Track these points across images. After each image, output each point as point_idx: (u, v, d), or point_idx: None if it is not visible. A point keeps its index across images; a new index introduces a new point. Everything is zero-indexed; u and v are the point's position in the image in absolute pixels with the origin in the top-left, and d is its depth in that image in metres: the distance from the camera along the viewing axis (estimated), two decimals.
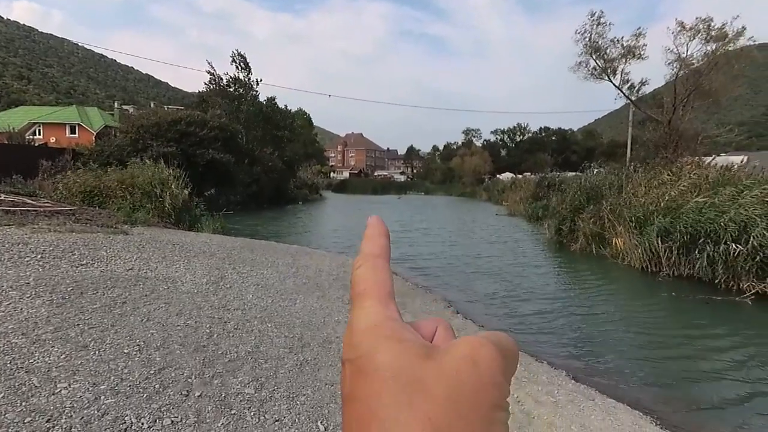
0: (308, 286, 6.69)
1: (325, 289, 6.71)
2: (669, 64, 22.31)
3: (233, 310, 4.93)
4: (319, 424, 2.88)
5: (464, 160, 69.44)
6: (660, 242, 10.40)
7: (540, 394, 3.84)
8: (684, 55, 21.81)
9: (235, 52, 35.08)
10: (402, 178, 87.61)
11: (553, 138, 77.52)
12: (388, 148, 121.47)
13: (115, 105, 41.23)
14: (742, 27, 20.62)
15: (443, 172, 75.12)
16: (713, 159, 19.69)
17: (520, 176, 43.66)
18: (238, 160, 26.26)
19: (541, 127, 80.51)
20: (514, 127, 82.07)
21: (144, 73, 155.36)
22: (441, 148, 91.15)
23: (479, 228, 20.80)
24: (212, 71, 34.15)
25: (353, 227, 20.23)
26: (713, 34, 20.91)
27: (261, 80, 35.86)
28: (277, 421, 2.86)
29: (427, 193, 66.73)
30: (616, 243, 12.41)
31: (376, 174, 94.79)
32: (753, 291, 8.22)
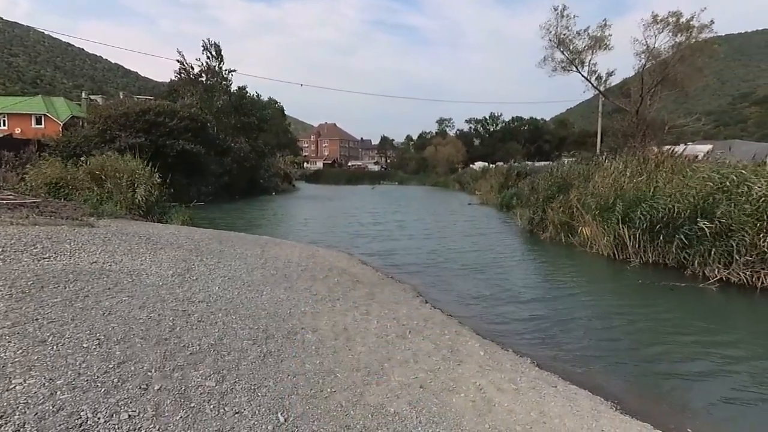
0: (276, 278, 6.71)
1: (293, 280, 6.75)
2: (637, 55, 22.83)
3: (198, 303, 4.92)
4: (279, 415, 2.95)
5: (438, 150, 69.92)
6: (626, 229, 10.63)
7: (503, 381, 3.99)
8: (652, 47, 22.33)
9: (207, 41, 34.09)
10: (376, 168, 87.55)
11: (526, 127, 78.67)
12: (362, 138, 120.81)
13: (83, 95, 39.85)
14: (711, 20, 21.27)
15: (417, 161, 75.44)
16: (674, 148, 20.54)
17: (493, 165, 44.31)
18: (209, 150, 25.75)
19: (513, 117, 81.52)
20: (488, 116, 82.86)
21: (113, 62, 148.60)
22: (415, 137, 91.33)
23: (451, 218, 21.05)
24: (182, 60, 33.11)
25: (324, 218, 20.22)
26: (682, 26, 21.51)
27: (234, 70, 35.10)
28: (237, 413, 2.91)
29: (401, 183, 66.90)
30: (583, 231, 12.78)
31: (350, 164, 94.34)
32: (717, 278, 8.35)
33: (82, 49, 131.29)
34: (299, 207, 27.17)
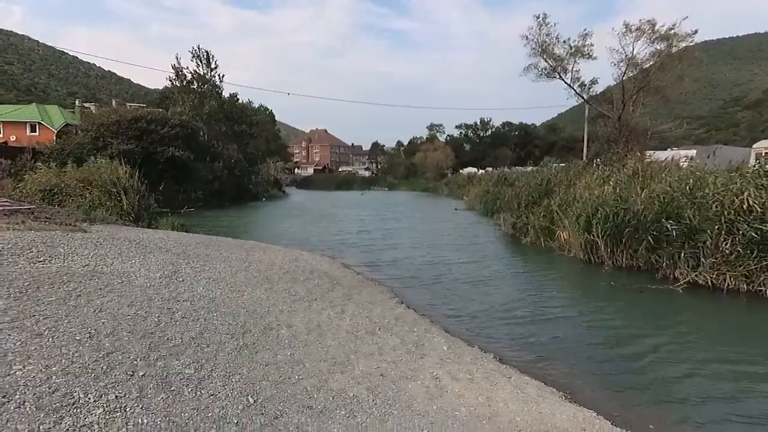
0: (258, 279, 7.10)
1: (274, 282, 7.13)
2: (615, 64, 23.43)
3: (182, 302, 5.30)
4: (249, 397, 3.36)
5: (427, 156, 70.53)
6: (599, 234, 10.98)
7: (459, 372, 4.40)
8: (630, 55, 22.90)
9: (196, 48, 34.50)
10: (367, 173, 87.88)
11: (516, 133, 79.25)
12: (352, 144, 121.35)
13: (77, 103, 40.10)
14: (693, 30, 21.84)
15: (407, 167, 75.86)
16: (654, 154, 21.14)
17: (482, 171, 44.91)
18: (199, 157, 26.09)
19: (503, 122, 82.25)
20: (479, 121, 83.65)
21: (106, 69, 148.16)
22: (406, 143, 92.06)
23: (436, 224, 21.47)
24: (179, 66, 33.47)
25: (311, 223, 20.53)
26: (659, 34, 22.11)
27: (224, 76, 35.48)
28: (212, 395, 3.31)
29: (390, 189, 67.29)
30: (562, 236, 13.23)
31: (340, 170, 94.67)
32: (685, 280, 8.69)
33: (76, 57, 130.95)
34: (288, 213, 27.44)
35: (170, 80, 34.00)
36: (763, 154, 16.20)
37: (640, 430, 3.86)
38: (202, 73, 34.29)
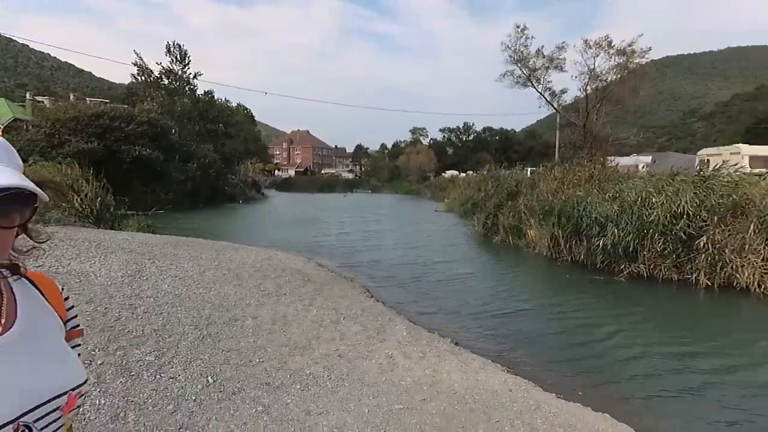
0: (227, 277, 7.13)
1: (244, 279, 7.18)
2: (577, 77, 25.36)
3: (146, 298, 5.31)
4: (209, 378, 3.46)
5: (410, 159, 71.32)
6: (560, 232, 11.76)
7: (413, 352, 4.63)
8: (592, 68, 24.94)
9: (171, 42, 33.82)
10: (350, 176, 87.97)
11: (497, 138, 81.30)
12: (336, 146, 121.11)
13: (27, 96, 38.07)
14: (649, 47, 24.00)
15: (390, 170, 76.41)
16: (614, 159, 22.52)
17: (463, 174, 45.64)
18: (170, 156, 25.51)
19: (485, 127, 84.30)
20: (461, 126, 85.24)
21: (63, 60, 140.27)
22: (389, 146, 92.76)
23: (417, 225, 21.85)
24: (141, 62, 32.62)
25: (289, 225, 20.52)
26: (616, 50, 24.24)
27: (200, 73, 34.88)
28: (171, 378, 3.40)
29: (373, 191, 67.57)
30: (529, 234, 13.80)
31: (323, 172, 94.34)
32: (626, 272, 9.61)
33: (26, 46, 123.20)
34: (265, 215, 27.28)
35: (134, 76, 33.11)
36: (705, 161, 17.76)
37: (567, 394, 4.25)
38: (174, 69, 33.56)
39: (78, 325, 0.85)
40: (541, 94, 26.55)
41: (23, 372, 0.65)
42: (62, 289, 0.84)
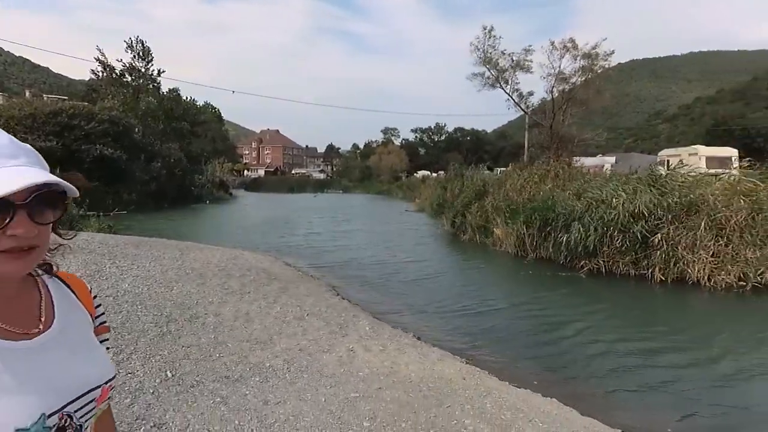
0: (190, 276, 7.08)
1: (207, 277, 7.15)
2: (545, 77, 25.88)
3: (104, 297, 5.24)
4: (167, 372, 3.50)
5: (382, 159, 71.57)
6: (525, 230, 12.12)
7: (374, 346, 4.78)
8: (558, 70, 25.56)
9: (132, 38, 32.72)
10: (321, 176, 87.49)
11: (468, 138, 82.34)
12: (307, 146, 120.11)
13: None
14: (612, 50, 24.87)
15: (362, 170, 76.46)
16: (580, 160, 23.34)
17: (435, 174, 46.22)
18: (134, 156, 24.74)
19: (456, 128, 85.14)
20: (433, 126, 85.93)
21: (17, 55, 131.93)
22: (362, 146, 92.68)
23: (387, 224, 22.03)
24: (103, 59, 31.42)
25: (257, 225, 20.29)
26: (581, 52, 24.89)
27: (163, 71, 33.92)
28: (129, 373, 3.43)
29: (345, 192, 67.41)
30: (495, 232, 14.21)
31: (293, 172, 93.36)
32: (586, 268, 9.94)
33: None
34: (233, 215, 26.83)
35: (94, 72, 31.89)
36: (665, 161, 18.75)
37: (521, 383, 4.49)
38: (137, 66, 32.51)
39: (105, 322, 0.90)
40: (509, 95, 27.11)
41: (64, 366, 0.69)
42: (90, 289, 0.89)
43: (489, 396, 3.85)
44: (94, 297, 0.88)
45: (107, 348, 0.87)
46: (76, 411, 0.68)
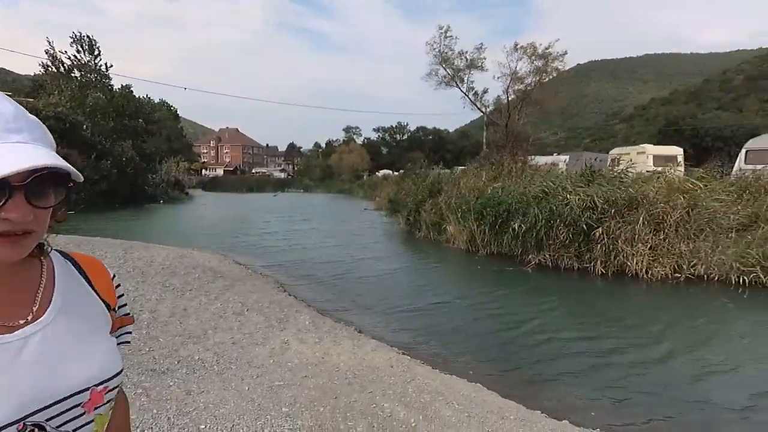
0: (131, 274, 6.98)
1: (149, 276, 7.07)
2: (499, 77, 26.63)
3: None
4: None
5: (343, 158, 71.28)
6: (476, 225, 12.51)
7: (310, 338, 4.92)
8: (514, 70, 26.36)
9: (76, 33, 31.11)
10: (282, 175, 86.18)
11: (431, 137, 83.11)
12: (267, 145, 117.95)
13: None
14: (564, 51, 25.86)
15: (323, 169, 75.90)
16: (534, 158, 24.22)
17: (396, 173, 46.56)
18: (82, 154, 23.51)
19: (418, 127, 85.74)
20: (395, 126, 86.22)
21: None
22: (323, 145, 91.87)
23: (346, 223, 22.08)
24: (53, 51, 29.70)
25: (212, 224, 19.89)
26: (538, 53, 25.71)
27: (111, 65, 32.46)
28: None
29: (306, 191, 66.69)
30: (448, 229, 14.61)
31: (254, 171, 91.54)
32: (534, 262, 10.45)
33: None
34: (187, 215, 26.10)
35: (44, 66, 30.14)
36: (616, 160, 19.86)
37: (453, 371, 4.70)
38: (83, 61, 30.93)
39: (128, 313, 0.82)
40: (465, 94, 27.76)
41: (44, 365, 0.60)
42: (113, 275, 0.80)
43: (413, 382, 4.08)
44: (117, 286, 0.80)
45: (127, 342, 0.80)
46: (51, 419, 0.59)
